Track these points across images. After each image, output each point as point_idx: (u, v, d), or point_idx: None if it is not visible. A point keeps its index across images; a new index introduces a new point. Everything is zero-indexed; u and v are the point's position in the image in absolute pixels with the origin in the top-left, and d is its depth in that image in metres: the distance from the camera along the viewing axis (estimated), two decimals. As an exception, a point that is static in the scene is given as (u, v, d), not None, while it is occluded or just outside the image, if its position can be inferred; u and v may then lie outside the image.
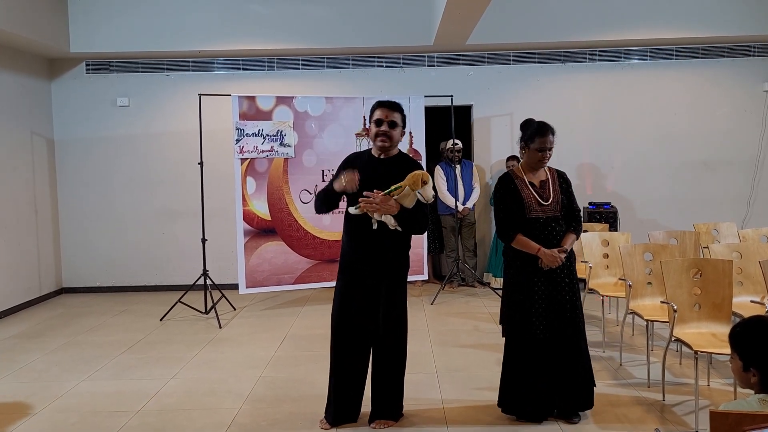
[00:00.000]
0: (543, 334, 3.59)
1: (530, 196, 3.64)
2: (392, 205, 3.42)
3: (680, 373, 4.51)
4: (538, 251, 3.56)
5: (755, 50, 7.68)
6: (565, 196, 3.69)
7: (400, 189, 3.42)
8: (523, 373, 3.65)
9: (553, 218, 3.63)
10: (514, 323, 3.67)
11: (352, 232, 3.59)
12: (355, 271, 3.60)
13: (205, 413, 3.97)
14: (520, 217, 3.62)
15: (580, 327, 3.65)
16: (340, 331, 3.63)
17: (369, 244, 3.54)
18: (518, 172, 3.74)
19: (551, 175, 3.73)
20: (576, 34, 7.33)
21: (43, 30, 6.80)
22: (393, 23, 7.31)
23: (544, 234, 3.61)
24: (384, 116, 3.54)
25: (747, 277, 4.64)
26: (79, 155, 7.76)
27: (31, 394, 4.37)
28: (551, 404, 3.69)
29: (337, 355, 3.65)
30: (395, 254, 3.61)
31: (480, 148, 7.92)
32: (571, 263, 3.68)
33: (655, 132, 7.78)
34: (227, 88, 7.47)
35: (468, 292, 7.39)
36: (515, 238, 3.61)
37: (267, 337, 5.68)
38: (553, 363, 3.62)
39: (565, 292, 3.62)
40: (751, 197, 7.80)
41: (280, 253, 6.52)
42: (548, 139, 3.63)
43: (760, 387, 1.96)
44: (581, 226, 3.75)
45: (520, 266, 3.66)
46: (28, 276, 7.20)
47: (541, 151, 3.62)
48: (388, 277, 3.60)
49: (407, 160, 3.65)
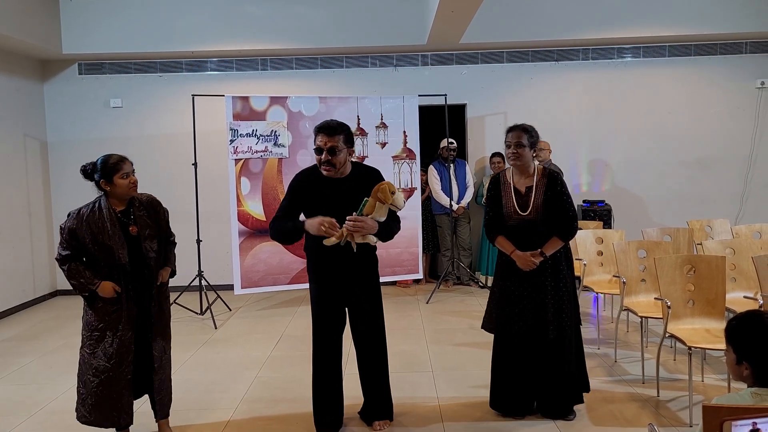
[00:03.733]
0: (521, 332, 3.62)
1: (510, 205, 3.67)
2: (373, 225, 3.36)
3: (674, 369, 4.53)
4: (511, 253, 3.62)
5: (747, 47, 7.72)
6: (553, 202, 3.62)
7: (371, 205, 3.36)
8: (506, 369, 3.72)
9: (532, 222, 3.63)
10: (496, 320, 3.73)
11: (321, 251, 3.44)
12: (330, 284, 3.53)
13: (201, 414, 3.97)
14: (502, 220, 3.70)
15: (565, 330, 3.62)
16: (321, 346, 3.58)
17: (343, 265, 3.47)
18: (507, 176, 3.77)
19: (539, 180, 3.67)
20: (569, 32, 7.35)
21: (35, 31, 6.78)
22: (386, 23, 7.31)
23: (524, 237, 3.63)
24: (323, 143, 3.36)
25: (740, 273, 4.66)
26: (73, 157, 7.73)
27: (26, 397, 4.36)
28: (532, 402, 3.73)
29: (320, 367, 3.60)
30: (368, 264, 3.57)
31: (474, 147, 7.93)
32: (556, 265, 3.65)
33: (649, 129, 7.81)
34: (221, 89, 7.46)
35: (463, 290, 7.40)
36: (496, 239, 3.72)
37: (263, 337, 5.68)
38: (535, 362, 3.66)
39: (546, 293, 3.61)
40: (744, 194, 7.83)
41: (275, 253, 6.51)
42: (515, 134, 3.64)
43: (753, 380, 1.99)
44: (572, 230, 3.63)
45: (503, 266, 3.72)
46: (22, 278, 7.17)
47: (508, 147, 3.66)
48: (362, 287, 3.55)
49: (365, 171, 3.56)
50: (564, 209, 3.62)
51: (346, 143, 3.41)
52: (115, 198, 3.40)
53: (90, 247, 3.34)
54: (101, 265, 3.36)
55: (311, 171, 3.54)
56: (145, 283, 3.43)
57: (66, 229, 3.35)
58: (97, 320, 3.35)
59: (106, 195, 3.40)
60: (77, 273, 3.34)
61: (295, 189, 3.51)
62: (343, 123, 3.49)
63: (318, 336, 3.57)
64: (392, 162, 6.89)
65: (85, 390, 3.38)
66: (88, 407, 3.37)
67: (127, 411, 3.41)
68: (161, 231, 3.54)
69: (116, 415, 3.38)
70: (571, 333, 3.66)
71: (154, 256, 3.44)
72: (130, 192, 3.38)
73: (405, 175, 6.95)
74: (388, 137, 6.87)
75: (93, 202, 3.42)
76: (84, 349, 3.39)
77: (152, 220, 3.48)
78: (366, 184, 3.42)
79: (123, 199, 3.41)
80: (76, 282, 3.35)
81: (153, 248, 3.43)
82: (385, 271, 6.79)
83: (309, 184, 3.48)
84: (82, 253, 3.38)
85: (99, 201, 3.41)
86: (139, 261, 3.39)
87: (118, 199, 3.40)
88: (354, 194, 3.40)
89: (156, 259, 3.46)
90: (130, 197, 3.44)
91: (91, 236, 3.32)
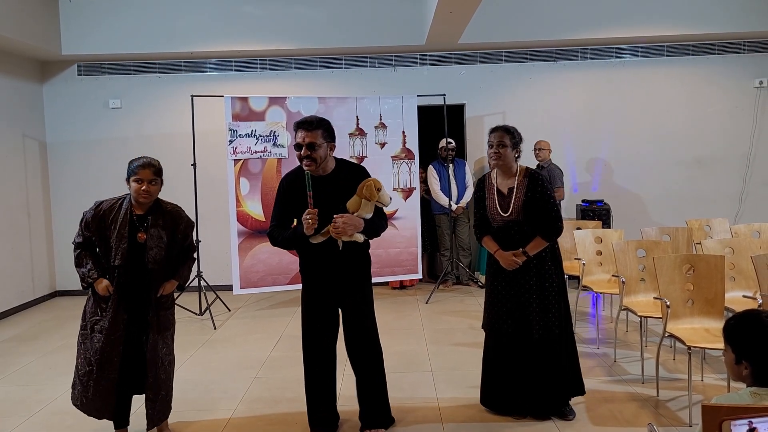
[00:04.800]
0: (509, 331, 3.65)
1: (493, 206, 3.72)
2: (358, 224, 3.35)
3: (674, 368, 4.53)
4: (495, 252, 3.69)
5: (746, 47, 7.72)
6: (533, 202, 3.63)
7: (357, 202, 3.36)
8: (495, 367, 3.76)
9: (515, 222, 3.66)
10: (486, 319, 3.80)
11: (310, 250, 3.45)
12: (319, 283, 3.52)
13: (200, 414, 3.97)
14: (489, 221, 3.77)
15: (551, 330, 3.62)
16: (311, 346, 3.58)
17: (333, 264, 3.46)
18: (492, 177, 3.82)
19: (521, 181, 3.69)
20: (568, 32, 7.35)
21: (34, 32, 6.78)
22: (385, 23, 7.32)
23: (508, 237, 3.68)
24: (302, 140, 3.35)
25: (739, 273, 4.66)
26: (72, 158, 7.74)
27: (26, 397, 4.36)
28: (522, 401, 3.73)
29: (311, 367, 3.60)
30: (359, 265, 3.55)
31: (473, 146, 7.93)
32: (541, 265, 3.66)
33: (647, 129, 7.81)
34: (220, 89, 7.46)
35: (463, 290, 7.40)
36: (483, 239, 3.80)
37: (262, 337, 5.68)
38: (521, 362, 3.67)
39: (531, 292, 3.63)
40: (743, 193, 7.84)
41: (275, 253, 6.51)
42: (497, 134, 3.68)
43: (752, 380, 1.98)
44: (555, 230, 3.63)
45: (492, 266, 3.78)
46: (21, 279, 7.17)
47: (490, 147, 3.71)
48: (352, 286, 3.53)
49: (350, 168, 3.54)
50: (546, 209, 3.63)
51: (326, 138, 3.40)
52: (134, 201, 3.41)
53: (96, 240, 3.37)
54: (103, 261, 3.37)
55: (295, 173, 3.52)
56: (141, 290, 3.41)
57: (84, 218, 3.40)
58: (92, 312, 3.39)
59: (130, 195, 3.42)
60: (83, 262, 3.39)
61: (282, 193, 3.51)
62: (323, 118, 3.48)
63: (306, 335, 3.58)
64: (391, 162, 6.89)
65: (76, 375, 3.42)
66: (77, 393, 3.41)
67: (109, 410, 3.39)
68: (176, 243, 3.50)
69: (99, 410, 3.38)
70: (559, 333, 3.65)
71: (155, 267, 3.40)
72: (138, 199, 3.37)
73: (404, 175, 6.95)
74: (387, 137, 6.87)
75: (119, 198, 3.45)
76: (79, 337, 3.43)
77: (168, 231, 3.45)
78: (351, 181, 3.41)
79: (138, 203, 3.40)
80: (79, 270, 3.40)
81: (156, 259, 3.39)
82: (384, 271, 6.81)
83: (294, 186, 3.46)
84: (94, 245, 3.41)
85: (124, 198, 3.43)
86: (139, 268, 3.38)
87: (136, 202, 3.41)
88: (339, 192, 3.39)
89: (158, 270, 3.42)
90: (151, 203, 3.43)
91: (100, 231, 3.35)
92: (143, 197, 3.37)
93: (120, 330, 3.35)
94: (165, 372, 3.51)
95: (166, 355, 3.51)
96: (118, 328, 3.35)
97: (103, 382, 3.34)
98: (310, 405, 3.63)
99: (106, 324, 3.33)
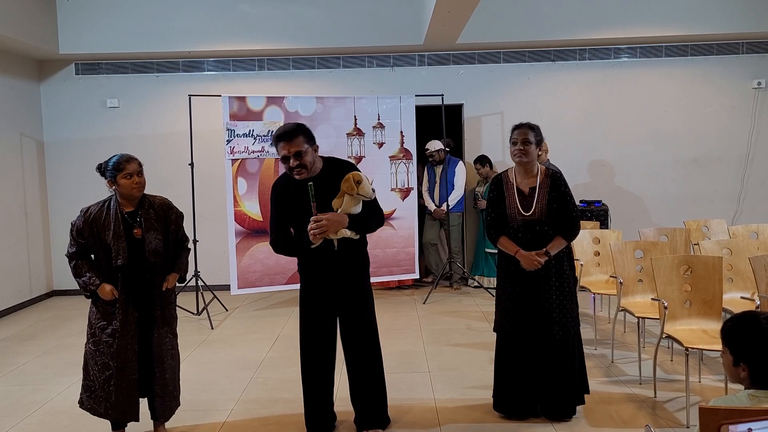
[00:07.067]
0: (527, 333, 3.61)
1: (513, 206, 3.66)
2: (341, 220, 3.32)
3: (671, 369, 4.53)
4: (516, 253, 3.60)
5: (744, 47, 7.73)
6: (556, 202, 3.63)
7: (340, 199, 3.35)
8: (511, 372, 3.70)
9: (537, 222, 3.62)
10: (501, 321, 3.72)
11: (310, 254, 3.43)
12: (316, 283, 3.52)
13: (197, 414, 3.96)
14: (505, 221, 3.69)
15: (569, 330, 3.61)
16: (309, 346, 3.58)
17: (331, 264, 3.44)
18: (509, 176, 3.76)
19: (543, 181, 3.67)
20: (566, 32, 7.35)
21: (31, 31, 6.76)
22: (383, 23, 7.31)
23: (527, 238, 3.63)
24: (287, 151, 3.29)
25: (737, 274, 4.66)
26: (69, 157, 7.72)
27: (22, 397, 4.35)
28: (535, 403, 3.71)
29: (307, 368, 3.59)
30: (357, 264, 3.54)
31: (471, 146, 7.92)
32: (560, 265, 3.65)
33: (645, 130, 7.81)
34: (217, 89, 7.44)
35: (461, 291, 7.39)
36: (499, 240, 3.70)
37: (259, 337, 5.67)
38: (538, 363, 3.64)
39: (551, 293, 3.61)
40: (741, 194, 7.84)
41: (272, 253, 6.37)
42: (521, 131, 3.63)
43: (750, 382, 1.98)
44: (575, 230, 3.64)
45: (506, 266, 3.70)
46: (18, 278, 7.15)
47: (514, 144, 3.65)
48: (350, 286, 3.52)
49: (337, 164, 3.51)
50: (568, 209, 3.62)
51: (308, 142, 3.36)
52: (123, 198, 3.39)
53: (92, 246, 3.36)
54: (103, 265, 3.36)
55: (285, 178, 3.49)
56: (146, 286, 3.42)
57: (74, 227, 3.38)
58: (98, 318, 3.38)
59: (115, 195, 3.41)
60: (81, 272, 3.37)
61: (276, 200, 3.50)
62: (298, 123, 3.44)
63: (304, 335, 3.58)
64: (389, 162, 6.88)
65: (92, 383, 3.40)
66: (97, 399, 3.39)
67: (135, 412, 3.43)
68: (170, 235, 3.50)
69: (126, 412, 3.40)
70: (574, 333, 3.66)
71: (156, 260, 3.41)
72: (133, 193, 3.37)
73: (401, 175, 6.94)
74: (385, 137, 6.86)
75: (104, 201, 3.43)
76: (88, 345, 3.42)
77: (160, 223, 3.46)
78: (339, 178, 3.38)
79: (130, 199, 3.40)
80: (79, 280, 3.39)
81: (156, 253, 3.40)
82: (381, 271, 6.79)
83: (285, 191, 3.46)
84: (89, 252, 3.40)
85: (109, 200, 3.42)
86: (140, 264, 3.38)
87: (125, 199, 3.39)
88: (328, 190, 3.37)
89: (159, 264, 3.43)
90: (139, 198, 3.43)
91: (94, 235, 3.34)
92: (137, 190, 3.37)
93: (133, 329, 3.37)
94: (171, 367, 3.52)
95: (170, 350, 3.53)
96: (131, 327, 3.37)
97: (124, 384, 3.35)
98: (308, 405, 3.62)
99: (117, 326, 3.34)
